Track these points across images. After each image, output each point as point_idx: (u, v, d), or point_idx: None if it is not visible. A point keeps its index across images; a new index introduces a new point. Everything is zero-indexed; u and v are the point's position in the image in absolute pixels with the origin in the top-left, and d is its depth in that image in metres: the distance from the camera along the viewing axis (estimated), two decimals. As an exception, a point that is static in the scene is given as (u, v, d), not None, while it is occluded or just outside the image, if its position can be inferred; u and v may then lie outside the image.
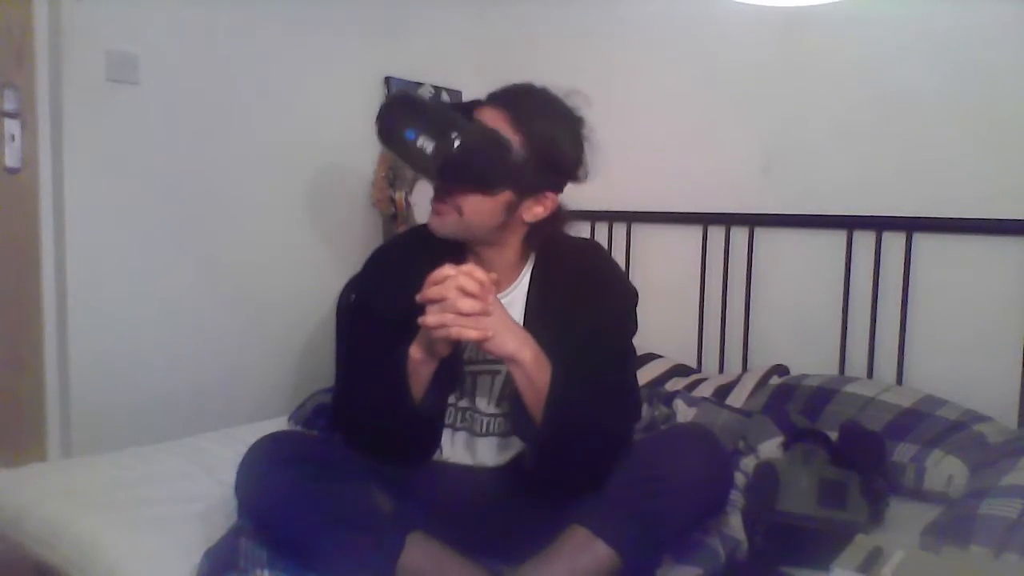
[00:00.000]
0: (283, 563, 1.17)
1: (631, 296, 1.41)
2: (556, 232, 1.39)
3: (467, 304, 1.13)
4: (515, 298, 1.35)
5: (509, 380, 1.25)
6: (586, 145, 1.32)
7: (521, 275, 1.37)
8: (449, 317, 1.13)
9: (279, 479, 1.17)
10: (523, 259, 1.37)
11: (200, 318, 2.30)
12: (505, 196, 1.28)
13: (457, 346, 1.27)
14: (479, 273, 1.15)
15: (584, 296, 1.33)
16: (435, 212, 1.30)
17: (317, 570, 1.16)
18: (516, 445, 1.37)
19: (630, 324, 1.40)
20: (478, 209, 1.27)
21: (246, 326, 2.41)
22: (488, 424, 1.37)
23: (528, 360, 1.17)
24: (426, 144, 1.21)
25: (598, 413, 1.23)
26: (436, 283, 1.15)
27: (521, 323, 1.27)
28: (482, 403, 1.37)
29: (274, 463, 1.19)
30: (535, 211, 1.31)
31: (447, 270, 1.15)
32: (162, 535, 1.31)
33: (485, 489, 1.33)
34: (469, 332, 1.13)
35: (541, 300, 1.34)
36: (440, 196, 1.29)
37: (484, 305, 1.14)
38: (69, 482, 1.54)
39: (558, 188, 1.32)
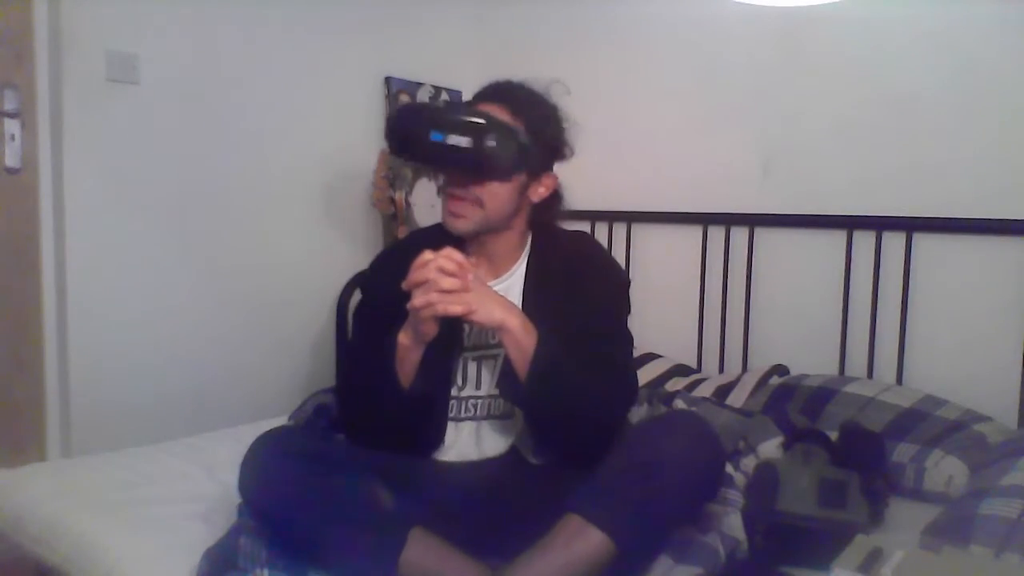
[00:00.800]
0: (283, 563, 1.17)
1: (623, 280, 1.49)
2: (553, 219, 1.48)
3: (447, 282, 1.21)
4: (513, 283, 1.42)
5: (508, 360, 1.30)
6: (567, 126, 1.42)
7: (518, 262, 1.44)
8: (433, 296, 1.20)
9: (283, 473, 1.18)
10: (520, 248, 1.45)
11: (200, 317, 2.30)
12: (519, 180, 1.36)
13: (452, 334, 1.34)
14: (456, 255, 1.23)
15: (578, 279, 1.40)
16: (454, 213, 1.36)
17: (320, 565, 1.17)
18: (516, 429, 1.41)
19: (623, 304, 1.46)
20: (498, 198, 1.36)
21: (246, 325, 2.41)
22: (490, 405, 1.42)
23: (516, 326, 1.24)
24: (459, 141, 1.28)
25: (586, 377, 1.28)
26: (418, 268, 1.22)
27: (520, 301, 1.37)
28: (487, 384, 1.42)
29: (278, 457, 1.20)
30: (540, 191, 1.41)
31: (427, 255, 1.22)
32: (162, 535, 1.31)
33: (485, 482, 1.35)
34: (453, 307, 1.21)
35: (537, 284, 1.42)
36: (458, 194, 1.35)
37: (464, 282, 1.22)
38: (69, 482, 1.54)
39: (550, 167, 1.42)
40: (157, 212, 2.20)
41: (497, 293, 1.29)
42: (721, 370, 2.32)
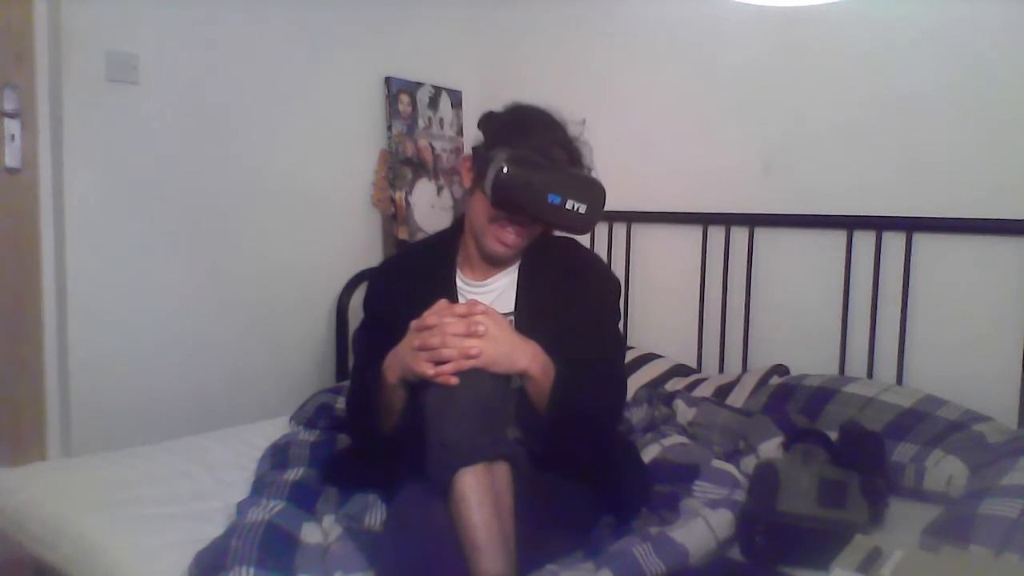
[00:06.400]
0: (273, 562, 1.17)
1: (616, 285, 1.54)
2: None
3: (464, 344, 1.23)
4: (507, 284, 1.48)
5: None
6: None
7: (512, 264, 1.49)
8: (448, 366, 1.22)
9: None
10: None
11: (200, 316, 2.30)
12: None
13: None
14: (461, 308, 1.28)
15: (572, 282, 1.46)
16: (510, 245, 1.42)
17: None
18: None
19: (615, 309, 1.53)
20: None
21: (246, 325, 2.41)
22: None
23: (537, 372, 1.29)
24: (577, 206, 1.38)
25: (592, 401, 1.35)
26: (425, 328, 1.26)
27: (513, 302, 1.44)
28: None
29: None
30: None
31: (431, 318, 1.26)
32: (162, 535, 1.31)
33: None
34: (471, 364, 1.23)
35: (531, 284, 1.46)
36: (522, 233, 1.43)
37: (478, 338, 1.24)
38: (69, 482, 1.54)
39: None
40: (157, 212, 2.20)
41: (513, 332, 1.31)
42: (721, 370, 2.32)
